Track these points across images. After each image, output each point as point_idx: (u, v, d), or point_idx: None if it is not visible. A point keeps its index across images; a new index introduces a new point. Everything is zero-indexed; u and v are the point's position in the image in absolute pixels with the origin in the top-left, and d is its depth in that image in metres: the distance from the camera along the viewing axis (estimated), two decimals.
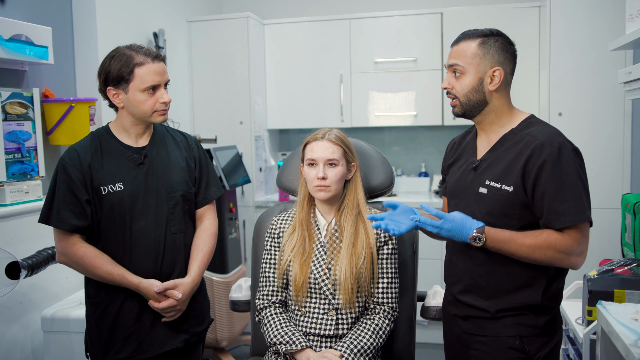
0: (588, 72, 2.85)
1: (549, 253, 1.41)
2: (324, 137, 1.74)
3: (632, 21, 1.91)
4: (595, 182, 2.79)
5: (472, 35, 1.51)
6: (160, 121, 1.73)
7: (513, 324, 1.50)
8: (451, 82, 1.52)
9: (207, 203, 1.86)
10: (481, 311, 1.54)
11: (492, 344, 1.52)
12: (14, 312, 2.14)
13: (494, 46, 1.48)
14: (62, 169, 1.67)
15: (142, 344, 1.71)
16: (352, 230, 1.72)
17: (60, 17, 2.56)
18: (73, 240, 1.67)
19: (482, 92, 1.50)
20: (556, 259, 1.42)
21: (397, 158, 3.97)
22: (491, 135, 1.55)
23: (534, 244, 1.41)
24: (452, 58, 1.52)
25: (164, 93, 1.70)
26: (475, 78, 1.49)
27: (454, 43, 1.54)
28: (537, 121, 1.52)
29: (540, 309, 1.49)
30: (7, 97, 2.14)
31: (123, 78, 1.65)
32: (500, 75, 1.48)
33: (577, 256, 1.42)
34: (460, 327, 1.61)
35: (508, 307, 1.50)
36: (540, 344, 1.49)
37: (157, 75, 1.67)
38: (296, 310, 1.74)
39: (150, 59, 1.66)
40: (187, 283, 1.73)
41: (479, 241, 1.43)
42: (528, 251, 1.42)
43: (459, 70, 1.50)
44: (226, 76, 3.60)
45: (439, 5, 3.64)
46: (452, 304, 1.64)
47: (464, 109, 1.53)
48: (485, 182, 1.50)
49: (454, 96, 1.53)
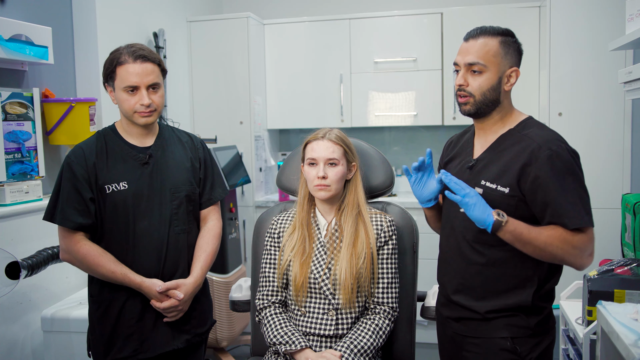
0: (588, 72, 2.85)
1: (565, 247, 1.39)
2: (324, 136, 1.74)
3: (632, 21, 1.91)
4: (595, 182, 2.79)
5: (490, 32, 1.47)
6: (142, 123, 1.70)
7: (504, 325, 1.50)
8: (467, 79, 1.48)
9: (211, 204, 1.86)
10: (472, 312, 1.53)
11: (484, 345, 1.52)
12: (14, 312, 2.14)
13: (512, 46, 1.48)
14: (68, 166, 1.68)
15: (144, 343, 1.71)
16: (352, 230, 1.72)
17: (60, 17, 2.56)
18: (77, 238, 1.67)
19: (498, 92, 1.48)
20: (570, 254, 1.40)
21: (397, 158, 3.97)
22: (489, 135, 1.54)
23: (551, 235, 1.39)
24: (471, 55, 1.46)
25: (144, 95, 1.66)
26: (496, 77, 1.47)
27: (471, 37, 1.48)
28: (535, 123, 1.52)
29: (531, 309, 1.49)
30: (7, 97, 2.14)
31: (109, 75, 1.69)
32: (516, 75, 1.48)
33: (589, 256, 1.42)
34: (453, 328, 1.61)
35: (499, 308, 1.50)
36: (532, 344, 1.49)
37: (136, 77, 1.65)
38: (296, 310, 1.74)
39: (132, 59, 1.65)
40: (190, 283, 1.73)
41: (503, 217, 1.38)
42: (546, 241, 1.38)
43: (479, 69, 1.46)
44: (226, 76, 3.60)
45: (439, 5, 3.64)
46: (445, 305, 1.64)
47: (477, 106, 1.48)
48: (481, 182, 1.49)
49: (468, 94, 1.48)
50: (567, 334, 2.12)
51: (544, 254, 1.41)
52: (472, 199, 1.40)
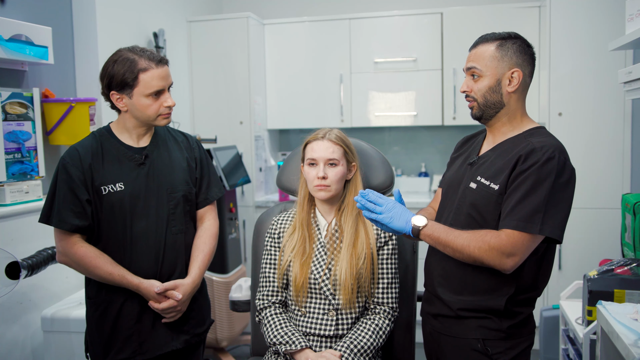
0: (588, 72, 2.85)
1: (483, 247, 1.39)
2: (324, 136, 1.74)
3: (632, 21, 1.91)
4: (595, 182, 2.80)
5: (489, 38, 1.51)
6: (164, 124, 1.73)
7: (476, 327, 1.51)
8: (469, 84, 1.53)
9: (208, 203, 1.86)
10: (448, 309, 1.54)
11: (457, 344, 1.54)
12: (14, 312, 2.14)
13: (511, 48, 1.49)
14: (63, 168, 1.67)
15: (143, 344, 1.71)
16: (352, 230, 1.73)
17: (60, 17, 2.56)
18: (73, 240, 1.67)
19: (499, 93, 1.50)
20: (488, 255, 1.39)
21: (397, 158, 3.97)
22: (497, 137, 1.56)
23: (470, 237, 1.41)
24: (470, 61, 1.53)
25: (168, 97, 1.69)
26: (493, 79, 1.49)
27: (472, 47, 1.54)
28: (544, 132, 1.51)
29: (504, 313, 1.49)
30: (7, 97, 2.14)
31: (127, 84, 1.64)
32: (519, 76, 1.48)
33: (508, 257, 1.38)
34: (431, 325, 1.63)
35: (472, 307, 1.50)
36: (505, 347, 1.49)
37: (161, 80, 1.66)
38: (296, 311, 1.74)
39: (155, 64, 1.65)
40: (188, 284, 1.73)
41: (421, 222, 1.44)
42: (463, 244, 1.41)
43: (477, 73, 1.51)
44: (226, 76, 3.60)
45: (439, 5, 3.64)
46: (426, 300, 1.66)
47: (481, 110, 1.53)
48: (477, 178, 1.51)
49: (473, 98, 1.53)
50: (567, 334, 2.12)
51: (463, 255, 1.43)
52: (388, 214, 1.46)
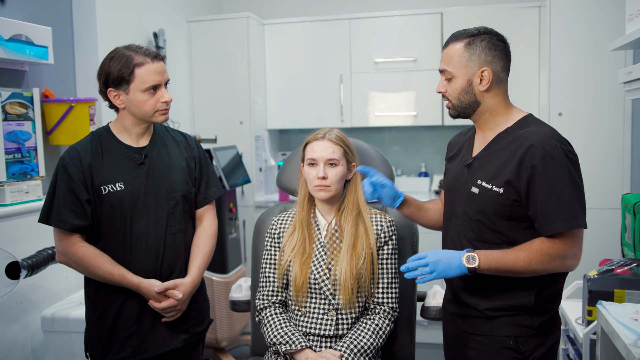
0: (588, 72, 2.84)
1: (545, 260, 1.40)
2: (324, 136, 1.74)
3: (632, 21, 1.91)
4: (595, 182, 2.80)
5: (458, 37, 1.50)
6: (162, 120, 1.73)
7: (508, 324, 1.50)
8: (444, 85, 1.54)
9: (207, 203, 1.86)
10: (477, 310, 1.54)
11: (488, 343, 1.53)
12: (14, 312, 2.14)
13: (479, 46, 1.47)
14: (62, 168, 1.67)
15: (142, 344, 1.71)
16: (352, 230, 1.72)
17: (60, 17, 2.56)
18: (73, 240, 1.67)
19: (472, 94, 1.50)
20: (553, 266, 1.41)
21: (397, 158, 3.97)
22: (487, 133, 1.55)
23: (527, 256, 1.41)
24: (442, 63, 1.53)
25: (164, 92, 1.70)
26: (464, 80, 1.49)
27: (444, 46, 1.54)
28: (533, 121, 1.51)
29: (535, 310, 1.49)
30: (7, 97, 2.14)
31: (123, 79, 1.64)
32: (489, 75, 1.47)
33: (571, 259, 1.42)
34: (458, 325, 1.61)
35: (502, 307, 1.50)
36: (536, 344, 1.49)
37: (157, 75, 1.67)
38: (296, 311, 1.74)
39: (150, 59, 1.66)
40: (188, 283, 1.74)
41: (473, 261, 1.42)
42: (524, 264, 1.41)
43: (448, 75, 1.51)
44: (226, 76, 3.60)
45: (439, 5, 3.64)
46: (452, 302, 1.65)
47: (457, 110, 1.55)
48: (477, 182, 1.50)
49: (447, 99, 1.55)
50: (567, 334, 2.12)
51: (527, 274, 1.43)
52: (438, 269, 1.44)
